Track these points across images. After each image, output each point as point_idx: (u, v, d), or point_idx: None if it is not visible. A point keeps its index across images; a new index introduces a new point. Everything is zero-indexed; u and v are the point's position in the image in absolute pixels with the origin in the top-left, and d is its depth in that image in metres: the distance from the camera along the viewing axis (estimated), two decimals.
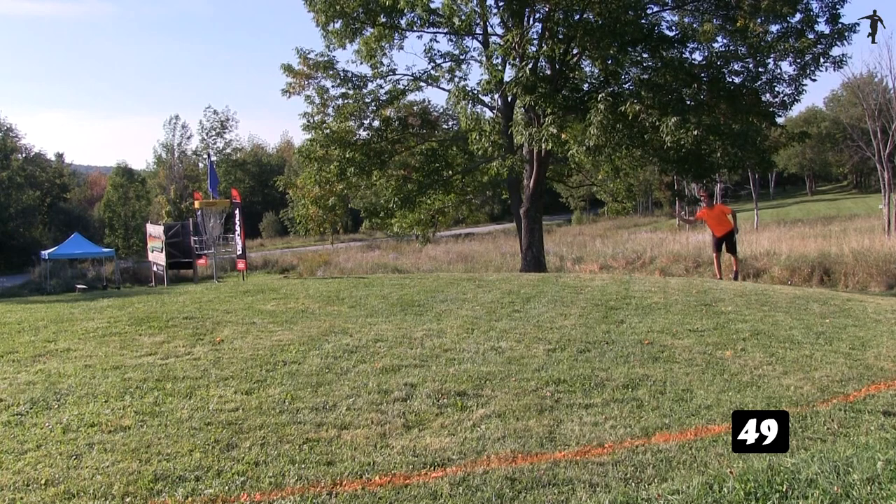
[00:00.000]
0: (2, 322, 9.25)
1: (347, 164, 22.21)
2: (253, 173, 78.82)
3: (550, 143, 18.82)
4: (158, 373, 6.01)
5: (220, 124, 67.06)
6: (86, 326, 8.46)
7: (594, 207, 74.58)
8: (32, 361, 6.64)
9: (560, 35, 19.81)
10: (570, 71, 20.93)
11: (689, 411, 4.97)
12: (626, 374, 5.91)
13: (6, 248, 49.72)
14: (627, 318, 8.44)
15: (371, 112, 23.54)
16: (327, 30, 21.95)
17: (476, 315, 8.69)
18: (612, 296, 10.22)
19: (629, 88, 19.88)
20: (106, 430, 4.62)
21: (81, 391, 5.51)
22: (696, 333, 7.58)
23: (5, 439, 4.53)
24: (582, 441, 4.42)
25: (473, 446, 4.33)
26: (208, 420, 4.76)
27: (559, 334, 7.47)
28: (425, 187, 22.96)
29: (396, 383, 5.57)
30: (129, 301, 11.12)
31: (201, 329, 7.99)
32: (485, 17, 21.22)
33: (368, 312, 8.95)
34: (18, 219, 54.44)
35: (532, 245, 21.57)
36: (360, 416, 4.83)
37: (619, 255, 28.91)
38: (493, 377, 5.77)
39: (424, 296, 10.29)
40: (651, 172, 43.16)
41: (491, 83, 20.95)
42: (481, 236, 45.83)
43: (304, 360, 6.36)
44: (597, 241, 35.21)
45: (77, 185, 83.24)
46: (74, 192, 79.29)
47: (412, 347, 6.83)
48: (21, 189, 57.38)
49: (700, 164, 20.20)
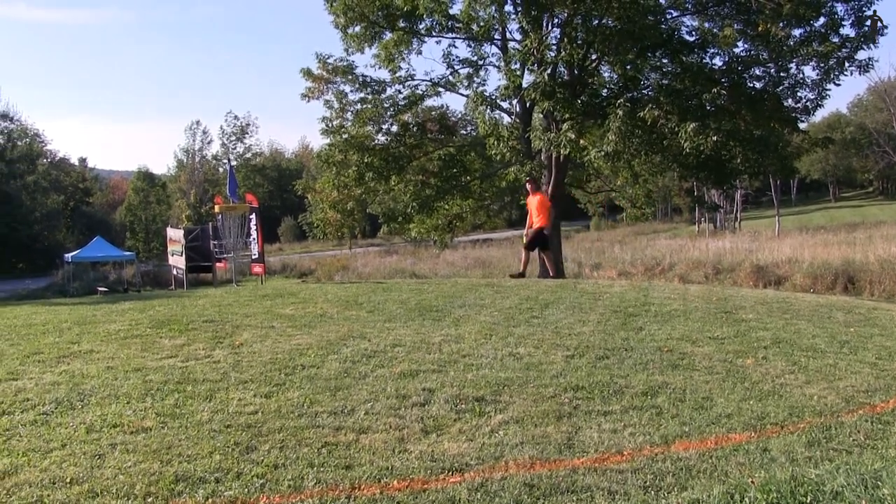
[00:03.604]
0: (28, 323, 9.37)
1: (366, 169, 22.32)
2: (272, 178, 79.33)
3: (569, 149, 18.81)
4: (179, 375, 6.06)
5: (241, 129, 67.57)
6: (108, 328, 8.55)
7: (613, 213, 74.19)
8: (57, 362, 6.73)
9: (579, 40, 19.80)
10: (589, 76, 20.91)
11: (710, 419, 4.94)
12: (646, 381, 5.88)
13: (31, 251, 50.40)
14: (646, 325, 8.40)
15: (389, 117, 23.65)
16: (347, 33, 22.07)
17: (494, 321, 8.67)
18: (630, 302, 10.17)
19: (648, 94, 19.84)
20: (128, 430, 4.67)
21: (104, 392, 5.57)
22: (716, 341, 7.53)
23: (32, 437, 4.59)
24: (600, 448, 4.41)
25: (491, 452, 4.33)
26: (228, 423, 4.80)
27: (577, 340, 7.44)
28: (443, 192, 23.02)
29: (414, 388, 5.59)
30: (149, 304, 11.21)
31: (221, 332, 8.04)
32: (503, 22, 21.25)
33: (387, 317, 8.97)
34: (43, 222, 55.17)
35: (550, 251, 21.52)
36: (379, 421, 4.85)
37: (637, 262, 28.75)
38: (511, 383, 5.77)
39: (442, 301, 10.29)
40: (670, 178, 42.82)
41: (509, 88, 20.98)
42: (499, 242, 45.75)
43: (323, 364, 6.39)
44: (615, 247, 35.04)
45: (99, 190, 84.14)
46: (97, 196, 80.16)
47: (430, 352, 6.84)
48: (46, 193, 58.21)
49: (720, 170, 20.11)
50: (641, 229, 57.25)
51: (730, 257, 26.88)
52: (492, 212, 33.02)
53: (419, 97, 23.30)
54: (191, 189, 67.15)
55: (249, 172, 70.23)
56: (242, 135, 68.32)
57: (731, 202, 58.31)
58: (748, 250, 28.03)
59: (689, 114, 17.81)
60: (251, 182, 68.59)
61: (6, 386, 5.88)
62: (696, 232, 54.75)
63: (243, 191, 36.12)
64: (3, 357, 7.05)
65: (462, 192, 23.91)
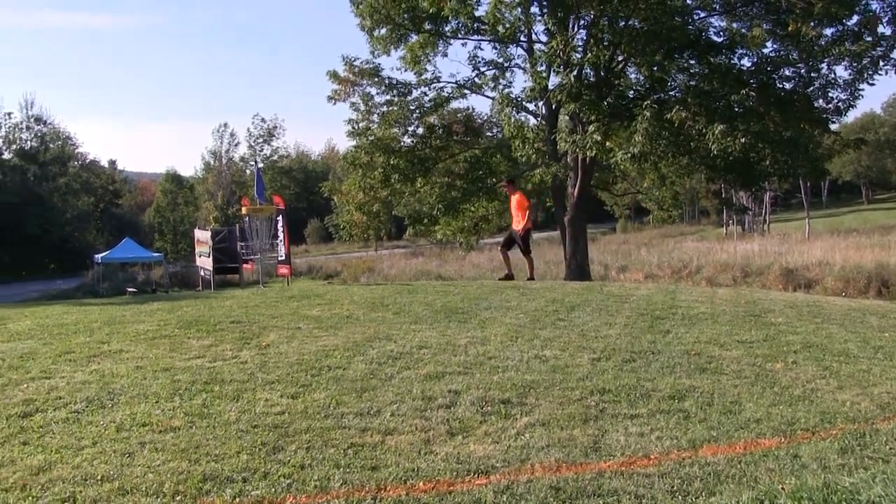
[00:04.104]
0: (60, 323, 9.51)
1: (392, 171, 22.39)
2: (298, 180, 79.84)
3: (595, 151, 18.72)
4: (206, 375, 6.12)
5: (268, 132, 68.14)
6: (137, 329, 8.65)
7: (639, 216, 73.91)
8: (88, 361, 6.82)
9: (605, 41, 19.71)
10: (616, 78, 20.80)
11: (738, 424, 4.89)
12: (673, 384, 5.84)
13: (62, 252, 51.23)
14: (674, 328, 8.33)
15: (415, 119, 23.72)
16: (373, 35, 22.16)
17: (520, 323, 8.65)
18: (657, 305, 10.10)
19: (675, 95, 19.70)
20: (157, 429, 4.72)
21: (133, 391, 5.64)
22: (744, 345, 7.45)
23: (64, 435, 4.66)
24: (627, 452, 4.38)
25: (517, 454, 4.32)
26: (255, 423, 4.83)
27: (604, 343, 7.40)
28: (469, 194, 23.03)
29: (440, 390, 5.59)
30: (177, 305, 11.32)
31: (248, 333, 8.10)
32: (529, 24, 21.23)
33: (412, 319, 8.98)
34: (74, 223, 56.10)
35: (576, 253, 21.45)
36: (405, 422, 4.86)
37: (664, 265, 28.56)
38: (537, 385, 5.75)
39: (468, 303, 10.28)
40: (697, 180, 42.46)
41: (535, 90, 20.93)
42: None
43: (349, 365, 6.41)
44: (642, 249, 34.82)
45: (128, 192, 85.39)
46: (126, 197, 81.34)
47: (456, 354, 6.84)
48: (77, 195, 59.20)
49: (748, 172, 19.92)
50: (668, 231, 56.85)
51: (758, 260, 26.62)
52: None
53: (445, 99, 23.34)
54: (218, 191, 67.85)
55: (276, 174, 70.82)
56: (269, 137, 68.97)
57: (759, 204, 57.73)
58: (777, 253, 27.75)
59: (717, 115, 17.63)
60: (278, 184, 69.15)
61: (39, 384, 5.98)
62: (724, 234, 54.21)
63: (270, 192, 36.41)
64: (36, 356, 7.16)
65: (488, 193, 23.89)
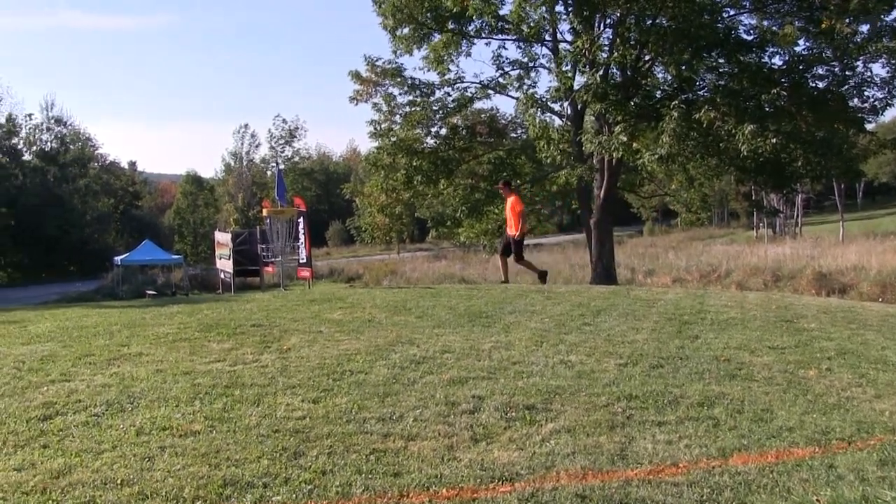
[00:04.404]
0: (80, 325, 9.62)
1: (414, 173, 22.42)
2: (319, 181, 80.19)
3: (621, 152, 18.64)
4: (227, 379, 6.16)
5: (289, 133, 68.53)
6: (157, 332, 8.73)
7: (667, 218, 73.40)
8: (107, 364, 6.89)
9: (632, 41, 19.63)
10: (642, 78, 20.70)
11: (770, 433, 4.83)
12: (702, 391, 5.78)
13: (82, 254, 51.80)
14: (702, 334, 8.27)
15: (438, 120, 23.74)
16: (395, 35, 22.22)
17: (545, 327, 8.63)
18: (685, 310, 10.03)
19: (704, 95, 19.57)
20: (177, 434, 4.76)
21: (153, 395, 5.69)
22: (776, 351, 7.37)
23: (84, 438, 4.72)
24: (655, 460, 4.34)
25: (542, 461, 4.30)
26: (276, 427, 4.85)
27: (631, 349, 7.36)
28: (493, 196, 22.98)
29: (464, 395, 5.58)
30: (197, 307, 11.41)
31: (269, 337, 8.15)
32: (554, 23, 21.17)
33: (435, 323, 8.98)
34: (94, 225, 56.70)
35: (602, 256, 21.36)
36: (428, 428, 4.86)
37: (692, 268, 28.34)
38: (562, 391, 5.73)
39: (492, 307, 10.27)
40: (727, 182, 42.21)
41: (560, 90, 20.89)
42: (550, 247, 45.50)
43: (371, 369, 6.42)
44: (669, 253, 34.57)
45: (148, 193, 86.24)
46: (146, 199, 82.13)
47: (480, 359, 6.83)
48: (96, 196, 59.88)
49: (779, 174, 19.74)
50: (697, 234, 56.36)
51: (790, 264, 26.32)
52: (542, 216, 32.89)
53: (468, 99, 23.33)
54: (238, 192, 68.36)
55: (297, 176, 71.18)
56: (291, 138, 69.44)
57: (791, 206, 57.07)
58: (810, 257, 27.43)
59: (747, 115, 17.48)
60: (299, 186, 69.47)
61: (59, 387, 6.05)
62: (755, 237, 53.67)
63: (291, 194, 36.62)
64: (56, 358, 7.25)
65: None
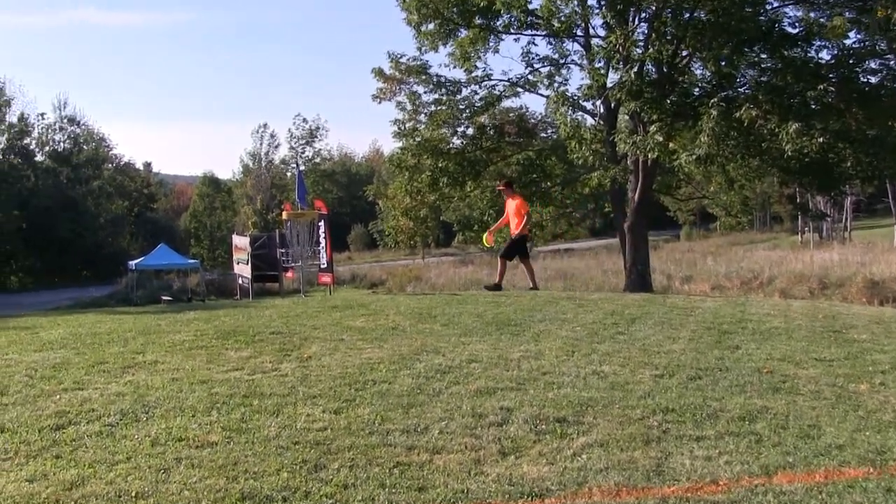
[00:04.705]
0: (93, 332, 9.74)
1: (440, 174, 22.45)
2: (341, 183, 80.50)
3: (657, 152, 18.54)
4: (245, 388, 6.20)
5: (310, 133, 68.88)
6: (173, 339, 8.82)
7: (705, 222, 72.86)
8: (122, 372, 6.97)
9: (668, 35, 19.51)
10: (679, 74, 20.55)
11: (817, 450, 4.76)
12: (743, 405, 5.72)
13: (96, 258, 52.43)
14: (743, 344, 8.18)
15: (465, 119, 23.72)
16: (420, 30, 22.26)
17: (576, 336, 8.59)
18: (725, 318, 9.94)
19: (745, 92, 19.38)
20: (193, 445, 4.79)
21: (169, 404, 5.75)
22: (823, 363, 7.27)
23: (98, 449, 4.77)
24: (693, 476, 4.30)
25: (574, 477, 4.28)
26: (296, 439, 4.88)
27: (667, 359, 7.31)
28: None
29: (492, 407, 5.57)
30: (214, 314, 11.51)
31: (288, 344, 8.19)
32: (586, 17, 21.11)
33: (462, 331, 8.98)
34: (108, 228, 57.39)
35: (637, 262, 21.23)
36: (454, 441, 4.85)
37: (733, 275, 28.10)
38: (595, 403, 5.70)
39: (521, 315, 10.25)
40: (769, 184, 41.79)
41: (593, 88, 20.82)
42: (581, 252, 45.30)
43: (395, 379, 6.44)
44: (708, 258, 34.29)
45: (164, 195, 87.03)
46: (161, 201, 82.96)
47: (508, 369, 6.82)
48: (110, 199, 60.59)
49: (827, 175, 19.51)
50: (737, 239, 55.91)
51: (838, 271, 26.00)
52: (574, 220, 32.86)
53: (496, 98, 23.31)
54: (257, 195, 68.86)
55: (318, 177, 71.54)
56: (311, 138, 69.83)
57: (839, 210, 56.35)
58: (860, 263, 27.07)
59: (791, 113, 17.30)
60: (320, 188, 69.85)
61: (72, 395, 6.13)
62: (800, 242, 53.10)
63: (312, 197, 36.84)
64: (69, 366, 7.34)
65: (542, 198, 23.79)
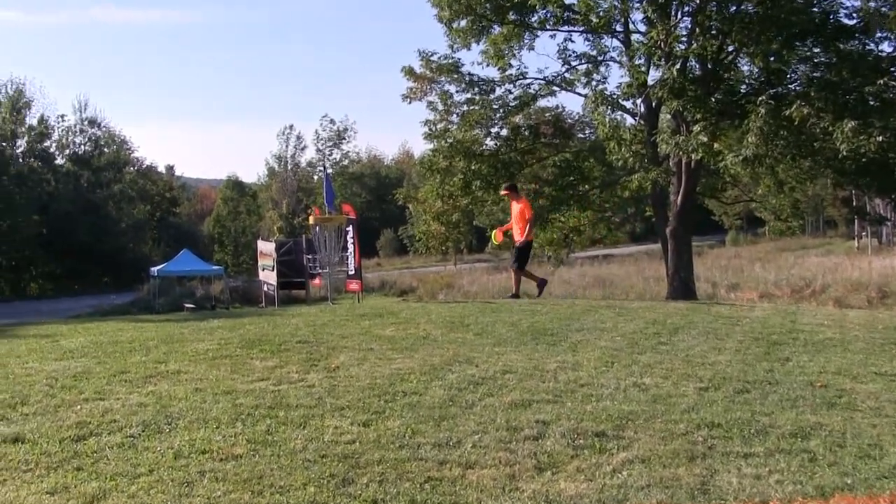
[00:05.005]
0: (114, 341, 9.89)
1: (473, 177, 22.41)
2: (370, 187, 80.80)
3: (701, 153, 18.36)
4: (271, 399, 6.25)
5: (337, 134, 69.25)
6: (196, 348, 8.92)
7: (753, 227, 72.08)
8: (144, 382, 7.07)
9: (713, 30, 19.33)
10: (725, 71, 20.35)
11: (880, 472, 4.67)
12: (795, 420, 5.65)
13: (117, 264, 52.86)
14: (795, 356, 8.10)
15: (499, 119, 23.68)
16: (451, 27, 22.28)
17: (616, 347, 8.57)
18: (775, 329, 9.86)
19: (796, 89, 19.13)
20: (217, 457, 4.84)
21: (192, 416, 5.81)
22: (884, 377, 7.17)
23: (119, 461, 4.83)
24: (741, 496, 4.26)
25: (613, 494, 4.26)
26: (323, 452, 4.91)
27: (712, 371, 7.26)
28: (559, 203, 22.87)
29: (527, 420, 5.57)
30: (239, 322, 11.63)
31: (315, 354, 8.25)
32: (626, 12, 20.97)
33: (496, 341, 8.99)
34: (129, 233, 57.94)
35: (680, 269, 21.05)
36: (487, 455, 4.85)
37: (783, 283, 27.76)
38: (635, 417, 5.67)
39: (558, 324, 10.24)
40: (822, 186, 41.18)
41: (633, 86, 20.68)
42: (621, 258, 45.12)
43: (426, 391, 6.46)
44: (756, 265, 33.96)
45: (187, 199, 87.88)
46: (184, 206, 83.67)
47: (544, 381, 6.81)
48: (132, 203, 61.14)
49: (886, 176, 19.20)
50: (787, 245, 55.17)
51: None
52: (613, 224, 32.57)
53: (531, 97, 23.25)
54: (283, 199, 69.41)
55: (346, 181, 71.98)
56: (339, 140, 70.25)
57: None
58: None
59: (847, 110, 17.04)
60: (348, 191, 70.22)
61: (93, 406, 6.22)
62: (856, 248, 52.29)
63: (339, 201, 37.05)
64: (90, 375, 7.46)
65: (579, 202, 23.67)
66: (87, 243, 51.43)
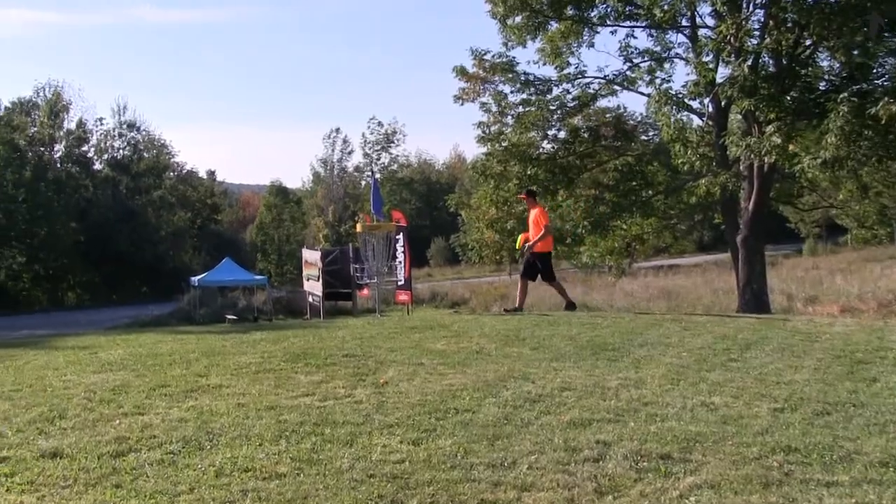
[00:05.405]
0: (154, 353, 10.08)
1: (529, 182, 22.39)
2: (420, 193, 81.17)
3: (774, 156, 18.13)
4: (316, 416, 6.31)
5: (386, 138, 69.57)
6: (238, 361, 9.05)
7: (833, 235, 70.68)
8: (184, 397, 7.19)
9: (788, 23, 19.06)
10: (802, 67, 20.03)
11: None
12: (884, 447, 5.50)
13: (156, 273, 53.75)
14: (882, 376, 7.90)
15: (556, 121, 23.68)
16: (506, 24, 22.35)
17: (682, 363, 8.48)
18: (859, 346, 9.64)
19: (882, 84, 18.72)
20: (260, 476, 4.90)
21: (234, 432, 5.89)
22: None
23: (159, 479, 4.92)
24: None
25: None
26: (371, 472, 4.93)
27: (788, 391, 7.13)
28: (620, 209, 22.73)
29: (587, 440, 5.53)
30: (283, 335, 11.77)
31: (363, 369, 8.31)
32: (692, 5, 20.80)
33: (553, 356, 8.96)
34: (169, 241, 58.82)
35: (752, 280, 20.77)
36: (544, 477, 4.83)
37: (868, 296, 27.11)
38: (704, 439, 5.60)
39: (619, 338, 10.18)
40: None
41: (700, 85, 20.52)
42: (688, 269, 44.59)
43: (479, 408, 6.45)
44: (837, 276, 33.22)
45: (229, 206, 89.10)
46: (226, 212, 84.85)
47: (605, 399, 6.76)
48: (172, 210, 62.07)
49: None
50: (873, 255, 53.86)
51: None
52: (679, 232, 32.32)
53: (591, 97, 23.18)
54: (329, 205, 70.10)
55: (395, 186, 72.34)
56: (388, 144, 70.55)
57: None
58: None
59: None
60: (397, 197, 70.57)
61: (132, 420, 6.35)
62: None
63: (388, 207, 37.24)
64: (128, 389, 7.61)
65: (643, 208, 23.49)
66: (126, 252, 52.38)
